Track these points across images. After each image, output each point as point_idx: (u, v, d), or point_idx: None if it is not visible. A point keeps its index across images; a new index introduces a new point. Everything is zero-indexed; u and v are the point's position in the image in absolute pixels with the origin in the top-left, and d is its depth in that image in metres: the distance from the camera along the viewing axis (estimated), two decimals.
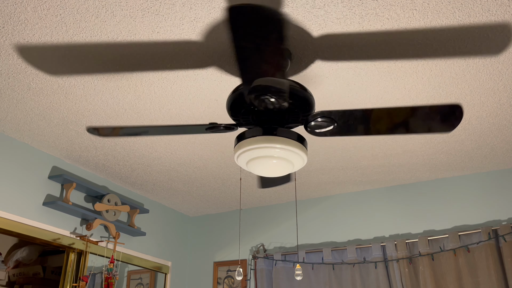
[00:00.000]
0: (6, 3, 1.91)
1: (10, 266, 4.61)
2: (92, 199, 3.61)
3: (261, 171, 2.07)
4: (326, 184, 3.81)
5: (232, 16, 1.42)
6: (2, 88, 2.53)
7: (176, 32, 2.06)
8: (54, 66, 2.31)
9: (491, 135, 2.99)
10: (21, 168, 3.13)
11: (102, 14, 1.97)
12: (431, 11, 1.93)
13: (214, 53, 2.20)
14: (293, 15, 1.94)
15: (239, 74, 1.73)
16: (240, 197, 4.11)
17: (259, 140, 1.95)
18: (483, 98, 2.58)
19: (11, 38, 2.12)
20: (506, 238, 3.21)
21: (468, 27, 2.01)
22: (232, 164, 3.44)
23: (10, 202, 3.02)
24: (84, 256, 3.41)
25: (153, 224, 4.18)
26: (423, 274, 3.39)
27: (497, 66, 2.30)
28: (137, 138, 3.06)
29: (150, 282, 4.12)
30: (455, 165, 3.43)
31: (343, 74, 2.36)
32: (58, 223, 3.30)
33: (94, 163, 3.45)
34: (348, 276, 3.63)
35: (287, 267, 3.88)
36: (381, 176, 3.65)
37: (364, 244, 3.71)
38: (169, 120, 2.82)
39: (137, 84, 2.47)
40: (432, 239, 3.47)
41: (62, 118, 2.83)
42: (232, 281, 4.19)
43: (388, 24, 2.00)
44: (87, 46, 2.16)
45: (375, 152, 3.21)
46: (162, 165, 3.47)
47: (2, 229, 2.96)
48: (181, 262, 4.44)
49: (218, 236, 4.47)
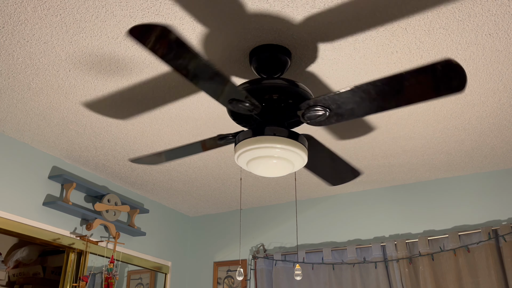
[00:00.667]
0: (6, 3, 1.91)
1: (10, 266, 4.61)
2: (92, 199, 3.61)
3: (262, 171, 2.07)
4: (326, 184, 3.81)
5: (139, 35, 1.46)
6: (2, 88, 2.53)
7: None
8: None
9: (491, 135, 2.99)
10: (21, 168, 3.13)
11: (102, 14, 1.97)
12: (431, 10, 1.92)
13: (215, 53, 2.20)
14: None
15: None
16: (240, 197, 4.11)
17: (259, 140, 1.95)
18: (483, 98, 2.58)
19: (11, 38, 2.12)
20: (506, 238, 3.21)
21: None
22: (232, 164, 3.44)
23: (10, 202, 3.02)
24: (84, 256, 3.41)
25: (153, 224, 4.18)
26: (423, 274, 3.39)
27: (497, 66, 2.30)
28: (137, 138, 3.06)
29: (150, 282, 4.12)
30: (455, 165, 3.43)
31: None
32: (58, 223, 3.30)
33: (94, 163, 3.45)
34: (348, 276, 3.63)
35: (287, 267, 3.88)
36: (381, 176, 3.65)
37: (364, 244, 3.71)
38: (169, 119, 2.82)
39: (137, 85, 2.47)
40: (432, 239, 3.47)
41: (62, 118, 2.83)
42: (232, 281, 4.19)
43: (388, 23, 1.99)
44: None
45: (375, 152, 3.21)
46: (162, 165, 3.47)
47: (2, 229, 2.96)
48: (181, 262, 4.44)
49: (218, 236, 4.47)
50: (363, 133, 2.95)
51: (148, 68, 2.32)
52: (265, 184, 3.81)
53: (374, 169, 3.49)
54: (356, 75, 2.37)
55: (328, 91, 2.50)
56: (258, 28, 2.04)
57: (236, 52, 2.19)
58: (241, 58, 2.23)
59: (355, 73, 2.36)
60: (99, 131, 2.97)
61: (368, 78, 2.38)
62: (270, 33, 2.06)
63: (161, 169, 3.54)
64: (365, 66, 2.30)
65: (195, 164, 3.45)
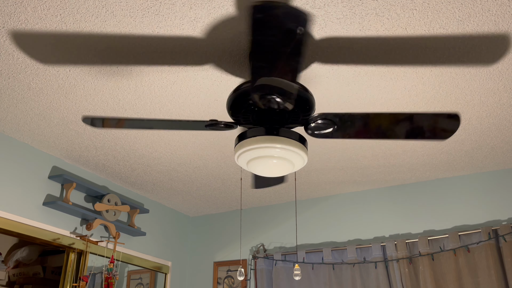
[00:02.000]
0: (6, 3, 1.91)
1: (10, 266, 4.61)
2: (92, 199, 3.61)
3: (262, 171, 2.07)
4: (326, 184, 3.81)
5: (256, 12, 1.41)
6: (2, 88, 2.53)
7: (176, 32, 2.06)
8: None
9: (491, 135, 2.99)
10: (21, 168, 3.13)
11: (102, 14, 1.97)
12: (431, 10, 1.93)
13: (214, 53, 2.20)
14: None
15: (249, 71, 1.74)
16: (240, 197, 4.11)
17: (259, 140, 1.95)
18: (483, 98, 2.58)
19: (11, 38, 2.12)
20: (506, 238, 3.21)
21: (469, 35, 2.01)
22: (232, 164, 3.43)
23: (10, 202, 3.02)
24: (84, 256, 3.41)
25: (153, 224, 4.18)
26: (423, 274, 3.39)
27: (497, 66, 2.30)
28: (137, 138, 3.06)
29: (150, 282, 4.12)
30: (455, 165, 3.43)
31: (343, 74, 2.36)
32: (58, 223, 3.30)
33: (94, 163, 3.45)
34: (348, 276, 3.63)
35: (287, 267, 3.88)
36: (381, 176, 3.65)
37: (364, 244, 3.71)
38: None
39: (137, 84, 2.47)
40: (432, 239, 3.47)
41: (62, 118, 2.83)
42: (232, 281, 4.19)
43: (388, 23, 2.00)
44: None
45: (375, 152, 3.21)
46: (162, 165, 3.47)
47: (2, 229, 2.96)
48: (181, 262, 4.44)
49: (218, 236, 4.47)
50: None
51: (148, 67, 2.32)
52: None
53: (374, 169, 3.49)
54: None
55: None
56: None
57: (236, 52, 2.19)
58: (241, 58, 2.23)
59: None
60: (99, 131, 2.97)
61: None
62: None
63: (161, 169, 3.54)
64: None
65: (195, 164, 3.45)
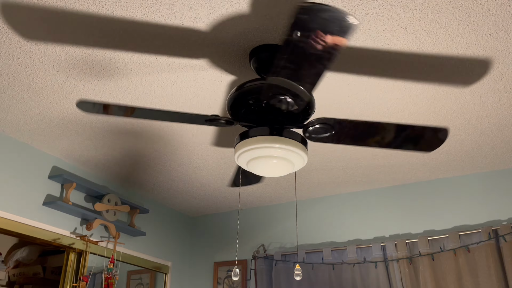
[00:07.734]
0: (6, 3, 1.91)
1: (10, 266, 4.61)
2: (92, 199, 3.61)
3: (262, 171, 2.07)
4: (326, 184, 3.81)
5: (301, 13, 1.39)
6: (2, 88, 2.53)
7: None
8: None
9: (491, 135, 2.98)
10: (21, 168, 3.13)
11: (102, 14, 1.97)
12: (431, 10, 1.93)
13: (215, 53, 2.20)
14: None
15: (253, 70, 1.77)
16: (239, 197, 4.11)
17: (259, 140, 1.95)
18: (483, 98, 2.58)
19: (11, 38, 2.12)
20: (506, 238, 3.21)
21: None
22: (232, 164, 3.43)
23: (10, 202, 3.02)
24: (84, 256, 3.41)
25: (153, 224, 4.18)
26: (423, 274, 3.39)
27: (497, 66, 2.30)
28: (137, 138, 3.06)
29: (150, 282, 4.12)
30: (455, 165, 3.43)
31: (341, 77, 2.36)
32: (58, 223, 3.30)
33: (94, 163, 3.45)
34: (348, 276, 3.63)
35: (287, 267, 3.88)
36: (381, 176, 3.65)
37: (364, 244, 3.71)
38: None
39: (137, 85, 2.47)
40: (432, 239, 3.46)
41: (62, 118, 2.83)
42: (232, 281, 4.19)
43: (388, 23, 2.00)
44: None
45: (375, 152, 3.21)
46: (162, 165, 3.47)
47: (2, 229, 2.96)
48: (181, 262, 4.44)
49: (218, 236, 4.47)
50: None
51: (148, 67, 2.32)
52: (265, 184, 3.81)
53: (374, 169, 3.49)
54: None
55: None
56: (258, 28, 2.04)
57: (236, 52, 2.19)
58: (241, 58, 2.23)
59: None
60: (99, 131, 2.97)
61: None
62: (270, 33, 2.07)
63: (161, 169, 3.54)
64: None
65: (195, 164, 3.44)
